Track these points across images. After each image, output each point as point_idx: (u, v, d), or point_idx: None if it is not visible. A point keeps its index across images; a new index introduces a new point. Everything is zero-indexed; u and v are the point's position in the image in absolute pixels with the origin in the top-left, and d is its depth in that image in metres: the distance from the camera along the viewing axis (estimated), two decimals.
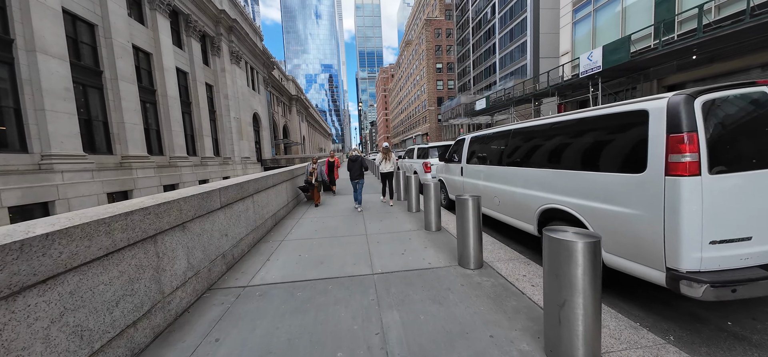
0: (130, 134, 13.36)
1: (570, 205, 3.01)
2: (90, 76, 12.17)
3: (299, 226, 5.74)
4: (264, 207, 5.37)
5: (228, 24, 23.44)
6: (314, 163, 8.25)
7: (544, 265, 1.86)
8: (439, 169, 6.93)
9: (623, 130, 2.56)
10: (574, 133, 3.10)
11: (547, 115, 3.81)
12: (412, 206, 6.10)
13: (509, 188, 4.09)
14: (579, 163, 2.96)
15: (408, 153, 11.87)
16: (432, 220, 4.79)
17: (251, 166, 25.79)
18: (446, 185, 6.40)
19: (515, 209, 4.00)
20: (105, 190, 11.81)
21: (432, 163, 8.56)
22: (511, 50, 32.29)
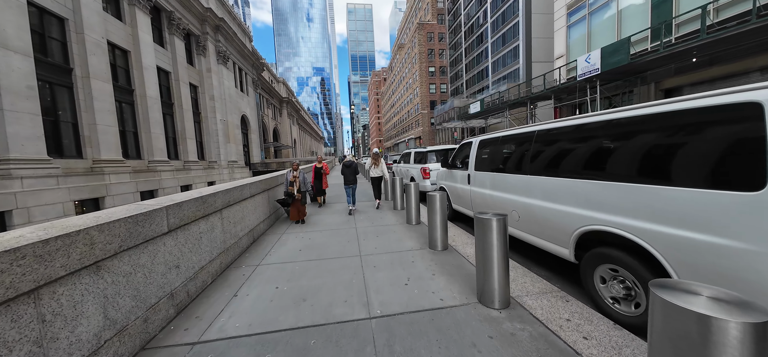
0: (103, 136, 12.34)
1: (630, 230, 2.35)
2: (58, 74, 11.15)
3: (281, 245, 4.91)
4: (237, 223, 4.55)
5: (214, 23, 22.53)
6: (295, 170, 6.53)
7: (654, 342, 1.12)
8: (440, 175, 6.33)
9: (718, 129, 1.92)
10: (637, 134, 2.41)
11: (589, 113, 2.99)
12: (412, 218, 5.44)
13: (533, 202, 3.44)
14: (644, 173, 2.31)
15: (404, 157, 11.10)
16: (437, 238, 4.14)
17: (239, 170, 24.76)
18: (449, 194, 5.78)
19: (541, 227, 3.35)
20: (72, 197, 10.77)
21: (431, 168, 8.02)
22: (504, 54, 32.43)
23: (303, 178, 6.56)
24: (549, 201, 3.22)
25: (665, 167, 2.19)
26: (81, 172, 11.42)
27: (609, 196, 2.56)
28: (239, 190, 4.58)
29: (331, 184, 15.75)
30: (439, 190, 6.17)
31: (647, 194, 2.26)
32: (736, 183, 1.81)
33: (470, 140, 5.00)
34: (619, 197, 2.47)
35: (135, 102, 14.92)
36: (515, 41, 29.45)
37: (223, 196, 4.00)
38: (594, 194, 2.70)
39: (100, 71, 12.43)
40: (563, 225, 3.02)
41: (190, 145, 18.95)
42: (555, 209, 3.13)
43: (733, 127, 1.85)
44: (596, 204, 2.67)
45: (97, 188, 11.80)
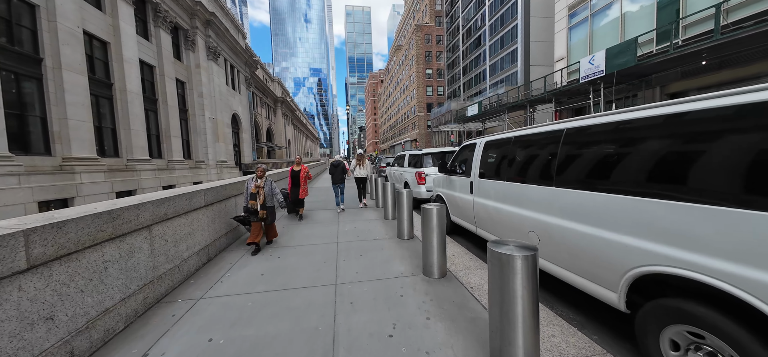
0: (75, 132, 11.45)
1: (731, 279, 1.55)
2: (26, 64, 10.28)
3: (240, 267, 3.91)
4: (181, 241, 3.63)
5: (205, 17, 21.72)
6: (260, 177, 4.89)
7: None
8: (436, 181, 5.59)
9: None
10: (735, 133, 1.60)
11: (657, 104, 2.12)
12: (404, 231, 4.69)
13: (561, 223, 2.62)
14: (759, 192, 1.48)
15: (397, 160, 10.20)
16: (433, 263, 3.36)
17: (228, 170, 23.86)
18: (448, 204, 5.01)
19: (572, 258, 2.52)
20: (36, 198, 9.86)
21: (427, 173, 7.28)
22: (502, 57, 32.13)
23: (270, 189, 4.90)
24: (586, 223, 2.36)
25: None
26: (48, 171, 10.52)
27: (692, 225, 1.71)
28: (187, 198, 3.70)
29: (318, 188, 14.94)
30: (436, 199, 5.51)
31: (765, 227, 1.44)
32: None
33: (473, 141, 4.22)
34: (712, 228, 1.63)
35: (114, 96, 14.04)
36: (513, 44, 29.15)
37: (155, 208, 3.11)
38: (663, 219, 1.84)
39: (74, 62, 11.57)
40: (609, 259, 2.16)
41: (175, 143, 18.06)
42: (596, 236, 2.27)
43: None
44: (667, 234, 1.82)
45: (66, 188, 10.90)
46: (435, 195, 5.70)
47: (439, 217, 3.30)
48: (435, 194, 5.72)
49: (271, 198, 4.89)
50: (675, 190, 1.82)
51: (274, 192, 4.92)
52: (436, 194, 5.65)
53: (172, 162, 17.71)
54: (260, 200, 4.66)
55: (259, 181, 4.78)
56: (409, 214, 4.71)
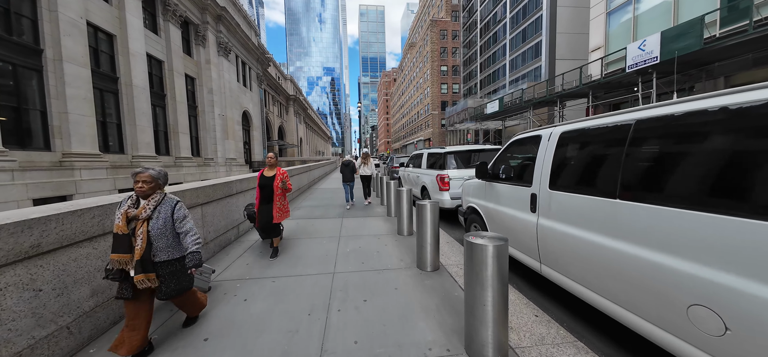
0: (76, 127, 11.01)
1: None
2: (24, 55, 9.86)
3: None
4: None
5: (216, 12, 21.32)
6: (143, 195, 2.19)
7: None
8: (469, 189, 4.25)
9: None
10: None
11: None
12: (427, 259, 3.33)
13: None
14: None
15: (413, 160, 8.65)
16: (487, 339, 1.92)
17: (237, 168, 23.45)
18: (486, 219, 3.71)
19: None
20: (31, 195, 9.40)
21: (452, 176, 5.90)
22: (523, 52, 30.13)
23: (166, 223, 2.21)
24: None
25: None
26: (46, 167, 10.08)
27: None
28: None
29: (323, 188, 13.94)
30: (468, 213, 4.19)
31: None
32: None
33: (533, 133, 2.95)
34: None
35: (120, 91, 13.64)
36: (537, 37, 27.16)
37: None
38: None
39: (76, 54, 11.12)
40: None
41: (183, 140, 17.66)
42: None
43: None
44: None
45: (64, 185, 10.44)
46: (466, 207, 4.29)
47: (499, 259, 1.87)
48: (465, 205, 4.31)
49: (169, 242, 2.20)
50: None
51: (183, 228, 2.25)
52: (467, 206, 4.24)
53: (180, 159, 17.31)
54: (138, 249, 2.05)
55: (140, 208, 2.13)
56: (435, 235, 3.32)
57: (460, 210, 4.58)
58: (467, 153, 6.08)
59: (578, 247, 2.25)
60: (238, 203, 4.99)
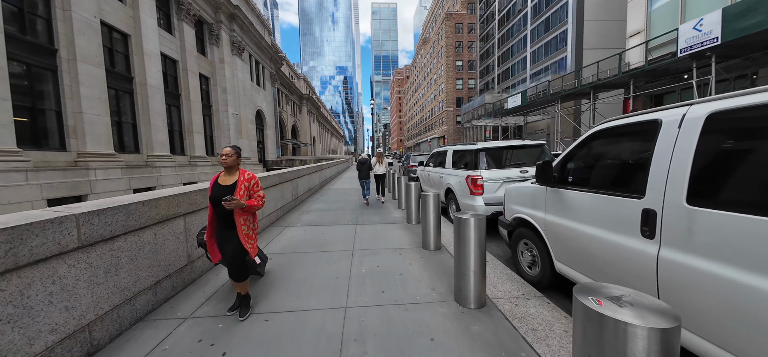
0: (91, 127, 10.96)
1: None
2: (38, 55, 9.83)
3: None
4: None
5: (229, 11, 21.25)
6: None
7: None
8: (515, 196, 3.38)
9: None
10: None
11: None
12: (470, 293, 2.46)
13: None
14: None
15: (434, 158, 7.65)
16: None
17: (251, 167, 23.39)
18: (549, 238, 2.84)
19: None
20: (45, 195, 9.35)
21: (486, 177, 5.00)
22: (546, 42, 28.33)
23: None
24: None
25: None
26: (61, 166, 10.04)
27: None
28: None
29: (335, 189, 13.33)
30: (515, 225, 3.35)
31: None
32: None
33: (642, 116, 2.03)
34: None
35: (134, 91, 13.62)
36: (562, 26, 25.38)
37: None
38: None
39: (90, 54, 11.06)
40: None
41: (198, 139, 17.64)
42: None
43: None
44: None
45: (79, 185, 10.39)
46: (511, 218, 3.46)
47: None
48: (510, 215, 3.47)
49: None
50: None
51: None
52: (512, 216, 3.40)
53: (195, 158, 17.30)
54: None
55: None
56: (481, 261, 2.43)
57: (501, 220, 3.74)
58: (502, 150, 5.19)
59: None
60: None
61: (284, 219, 6.30)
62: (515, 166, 5.15)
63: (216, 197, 2.45)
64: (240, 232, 2.47)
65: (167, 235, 2.84)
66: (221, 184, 2.52)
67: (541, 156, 5.27)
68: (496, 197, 4.98)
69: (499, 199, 4.91)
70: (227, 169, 2.56)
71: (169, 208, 2.84)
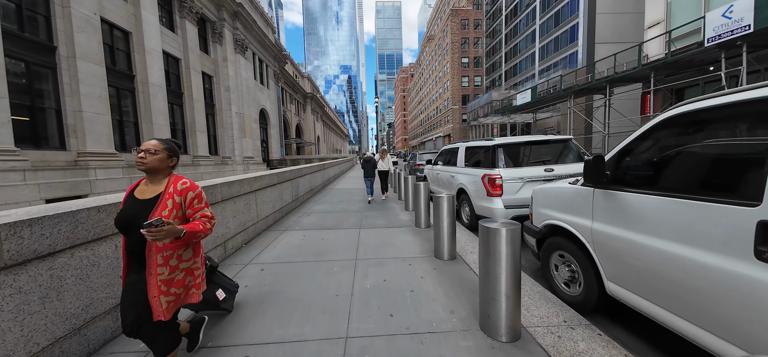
0: (91, 126, 10.76)
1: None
2: (37, 53, 9.64)
3: None
4: None
5: (232, 9, 21.02)
6: None
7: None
8: (547, 198, 2.87)
9: None
10: None
11: None
12: (501, 321, 1.97)
13: None
14: None
15: (444, 156, 7.09)
16: None
17: (254, 166, 23.23)
18: (599, 255, 2.26)
19: None
20: (44, 195, 9.15)
21: (506, 177, 4.44)
22: (556, 37, 27.47)
23: None
24: None
25: None
26: (60, 166, 9.85)
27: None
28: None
29: (338, 189, 12.93)
30: (549, 232, 2.84)
31: None
32: None
33: (751, 93, 1.43)
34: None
35: (136, 89, 13.42)
36: (573, 20, 24.53)
37: None
38: None
39: (90, 51, 10.86)
40: None
41: (201, 138, 17.45)
42: None
43: None
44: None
45: (78, 185, 10.19)
46: (541, 224, 2.92)
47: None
48: (540, 222, 2.93)
49: None
50: None
51: None
52: (543, 223, 2.87)
53: (198, 158, 17.12)
54: None
55: None
56: (515, 281, 1.94)
57: (526, 226, 3.21)
58: (523, 146, 4.67)
59: None
60: None
61: (282, 222, 5.90)
62: (538, 163, 4.65)
63: (126, 219, 1.54)
64: (153, 282, 1.52)
65: None
66: (139, 197, 1.61)
67: (567, 152, 4.73)
68: (517, 199, 4.47)
69: (521, 202, 4.41)
70: (149, 174, 1.64)
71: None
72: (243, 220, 4.39)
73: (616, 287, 2.17)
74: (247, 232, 4.55)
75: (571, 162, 4.65)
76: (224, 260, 3.79)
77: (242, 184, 4.33)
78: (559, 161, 4.67)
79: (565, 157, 4.73)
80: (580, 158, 4.70)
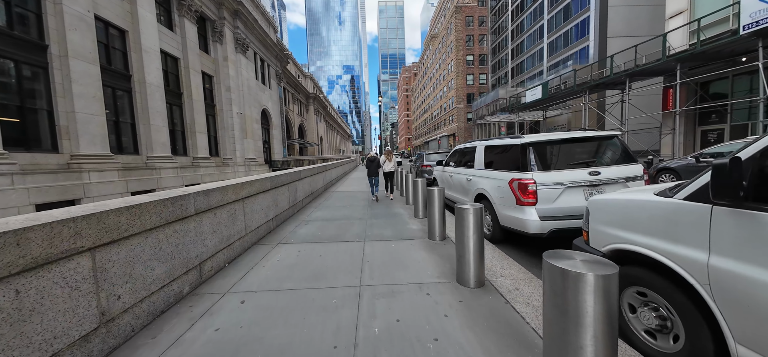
0: (85, 127, 10.35)
1: None
2: (27, 51, 9.25)
3: None
4: None
5: (232, 7, 20.62)
6: None
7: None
8: (611, 211, 2.19)
9: None
10: None
11: None
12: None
13: None
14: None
15: (457, 156, 6.42)
16: None
17: (256, 167, 22.81)
18: (722, 305, 1.52)
19: None
20: (34, 200, 8.75)
21: (541, 181, 3.74)
22: (565, 32, 26.60)
23: None
24: None
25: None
26: (52, 169, 9.45)
27: None
28: None
29: (339, 192, 12.34)
30: (630, 261, 2.07)
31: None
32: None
33: None
34: None
35: (133, 89, 13.02)
36: (584, 13, 23.66)
37: None
38: None
39: (83, 50, 10.45)
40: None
41: (201, 139, 17.04)
42: None
43: None
44: None
45: (70, 188, 9.78)
46: (604, 247, 2.24)
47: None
48: (601, 243, 2.26)
49: None
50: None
51: None
52: (608, 246, 2.20)
53: (198, 159, 16.72)
54: None
55: None
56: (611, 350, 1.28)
57: (579, 247, 2.52)
58: (560, 144, 3.88)
59: None
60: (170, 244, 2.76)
61: (277, 233, 5.21)
62: (580, 165, 3.90)
63: None
64: None
65: (51, 288, 1.80)
66: None
67: (613, 151, 4.01)
68: (556, 209, 3.73)
69: (560, 212, 3.70)
70: None
71: (53, 241, 1.79)
72: (226, 235, 3.73)
73: (751, 354, 1.48)
74: (233, 248, 3.90)
75: (620, 163, 3.90)
76: (198, 288, 3.10)
77: (225, 191, 3.70)
78: (604, 162, 3.94)
79: (611, 158, 3.99)
80: (630, 158, 3.95)
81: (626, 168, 3.79)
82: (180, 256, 2.87)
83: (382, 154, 25.26)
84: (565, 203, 3.68)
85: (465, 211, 2.78)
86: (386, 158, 9.37)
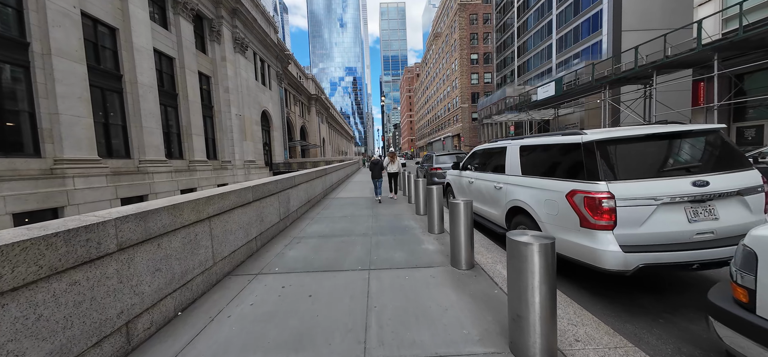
0: (69, 130, 9.69)
1: None
2: (7, 49, 8.62)
3: None
4: None
5: (231, 6, 20.02)
6: None
7: None
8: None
9: None
10: None
11: None
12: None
13: None
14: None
15: (480, 158, 5.39)
16: None
17: (256, 170, 22.14)
18: None
19: None
20: (10, 209, 8.07)
21: (622, 195, 2.54)
22: (576, 26, 25.60)
23: None
24: None
25: None
26: (33, 175, 8.78)
27: None
28: None
29: (340, 199, 11.52)
30: None
31: None
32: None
33: None
34: None
35: (124, 90, 12.37)
36: (596, 6, 22.67)
37: None
38: None
39: (68, 48, 9.81)
40: None
41: (197, 142, 16.37)
42: None
43: None
44: None
45: (53, 196, 9.10)
46: None
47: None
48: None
49: None
50: None
51: None
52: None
53: (194, 162, 16.03)
54: None
55: None
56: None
57: (718, 306, 1.61)
58: (645, 142, 2.77)
59: None
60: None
61: (259, 256, 4.09)
62: (676, 172, 2.78)
63: None
64: None
65: None
66: None
67: (718, 152, 2.86)
68: (645, 235, 2.58)
69: (653, 239, 2.57)
70: None
71: None
72: (180, 271, 2.65)
73: None
74: (191, 288, 2.80)
75: (728, 169, 2.70)
76: None
77: (178, 210, 2.59)
78: (707, 168, 2.75)
79: (716, 161, 2.81)
80: (742, 161, 2.79)
81: (739, 175, 2.66)
82: (85, 319, 1.81)
83: (385, 156, 24.69)
84: (657, 228, 2.56)
85: (526, 248, 1.75)
86: (390, 160, 9.66)
